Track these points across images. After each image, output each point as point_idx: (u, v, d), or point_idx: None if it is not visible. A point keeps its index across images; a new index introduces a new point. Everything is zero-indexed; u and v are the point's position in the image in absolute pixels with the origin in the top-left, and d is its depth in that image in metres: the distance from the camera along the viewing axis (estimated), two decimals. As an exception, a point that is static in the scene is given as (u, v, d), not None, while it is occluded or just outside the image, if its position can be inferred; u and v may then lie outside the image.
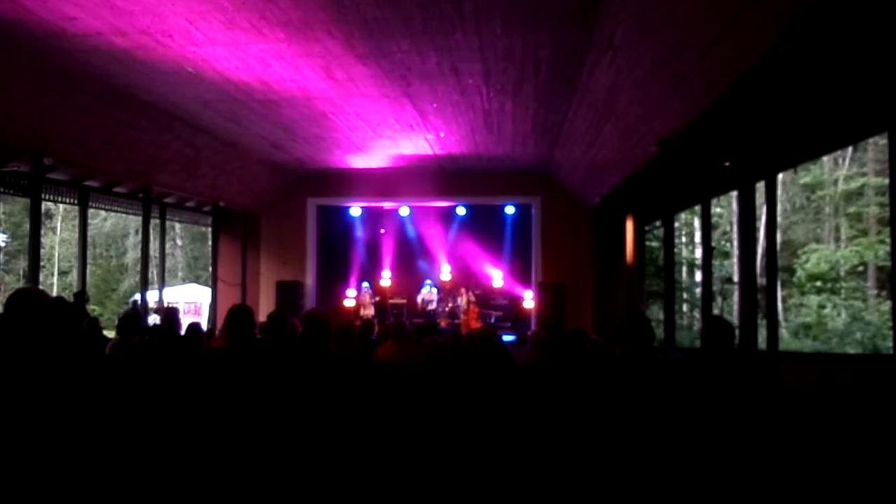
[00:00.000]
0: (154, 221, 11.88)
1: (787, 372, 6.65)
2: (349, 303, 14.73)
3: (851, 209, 19.41)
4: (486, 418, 3.85)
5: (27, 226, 9.56)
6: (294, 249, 14.12)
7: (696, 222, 19.66)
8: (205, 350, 5.20)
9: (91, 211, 10.47)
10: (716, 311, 9.05)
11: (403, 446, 3.67)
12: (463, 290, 14.72)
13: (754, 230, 9.29)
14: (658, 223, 12.77)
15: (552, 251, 13.30)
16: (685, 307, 20.71)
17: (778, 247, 12.82)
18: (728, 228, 20.73)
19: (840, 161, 19.43)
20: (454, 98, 8.42)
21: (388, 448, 3.52)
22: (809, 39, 4.23)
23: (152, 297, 13.00)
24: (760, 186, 7.92)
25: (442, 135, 10.38)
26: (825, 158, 18.58)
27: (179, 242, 27.81)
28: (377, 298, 15.00)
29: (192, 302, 16.84)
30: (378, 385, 3.64)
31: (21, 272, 23.37)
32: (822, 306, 18.28)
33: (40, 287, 6.83)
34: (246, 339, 3.48)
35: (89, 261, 17.51)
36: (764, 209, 10.17)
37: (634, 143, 7.87)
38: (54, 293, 20.37)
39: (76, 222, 13.64)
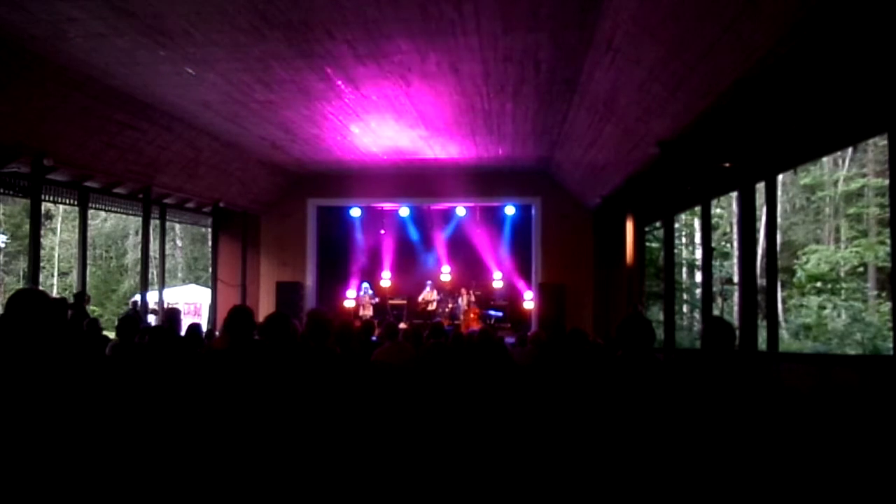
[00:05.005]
0: (154, 222, 11.89)
1: (787, 373, 6.66)
2: (349, 303, 14.73)
3: (851, 210, 19.42)
4: (482, 416, 3.85)
5: (27, 227, 9.59)
6: (294, 250, 14.14)
7: (696, 223, 19.68)
8: (204, 351, 5.20)
9: (91, 212, 10.47)
10: (716, 312, 9.06)
11: (401, 445, 3.67)
12: (463, 291, 14.73)
13: (754, 231, 9.30)
14: (658, 224, 12.78)
15: (552, 252, 13.30)
16: (685, 308, 20.72)
17: (778, 248, 12.81)
18: (728, 229, 20.74)
19: (840, 162, 19.44)
20: (454, 98, 8.43)
21: (386, 446, 3.51)
22: (809, 40, 4.23)
23: (152, 297, 13.00)
24: (760, 187, 7.93)
25: (441, 135, 10.39)
26: (825, 159, 18.61)
27: (179, 243, 27.81)
28: (377, 300, 15.00)
29: (191, 303, 16.81)
30: (376, 384, 3.64)
31: (21, 273, 23.37)
32: (822, 307, 18.28)
33: (40, 288, 6.83)
34: (246, 339, 3.47)
35: (89, 261, 17.51)
36: (764, 210, 10.18)
37: (634, 143, 7.87)
38: (54, 294, 20.38)
39: (76, 223, 13.63)
